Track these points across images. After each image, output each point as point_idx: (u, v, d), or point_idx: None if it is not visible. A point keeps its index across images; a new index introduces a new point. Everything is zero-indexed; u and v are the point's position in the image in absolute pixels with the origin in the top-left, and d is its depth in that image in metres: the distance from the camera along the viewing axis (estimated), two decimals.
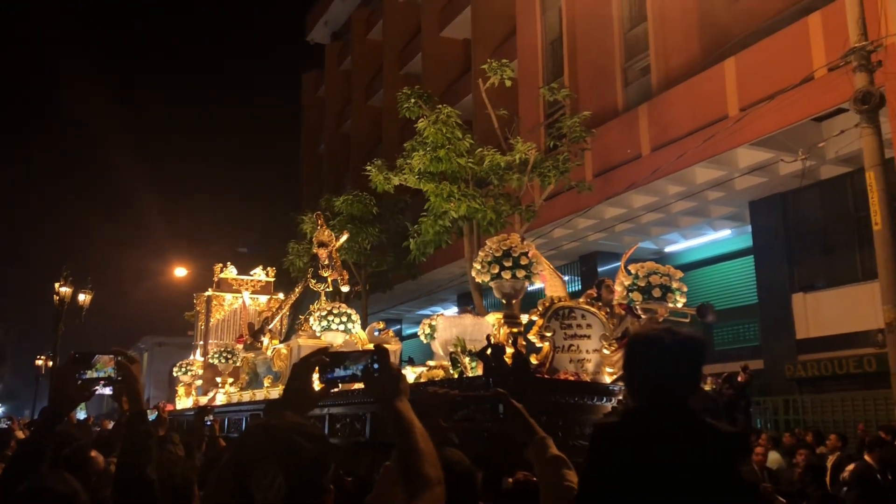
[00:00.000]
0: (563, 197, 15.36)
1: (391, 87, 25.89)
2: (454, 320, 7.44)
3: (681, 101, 14.56)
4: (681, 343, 2.06)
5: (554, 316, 6.78)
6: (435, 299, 25.10)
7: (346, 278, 11.19)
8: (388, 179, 14.12)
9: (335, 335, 9.52)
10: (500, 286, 6.70)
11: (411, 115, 14.11)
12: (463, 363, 6.45)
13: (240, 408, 10.82)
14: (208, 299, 16.03)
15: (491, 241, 6.78)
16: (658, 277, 6.72)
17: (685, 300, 6.78)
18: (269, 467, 1.47)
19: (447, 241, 14.44)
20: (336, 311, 9.61)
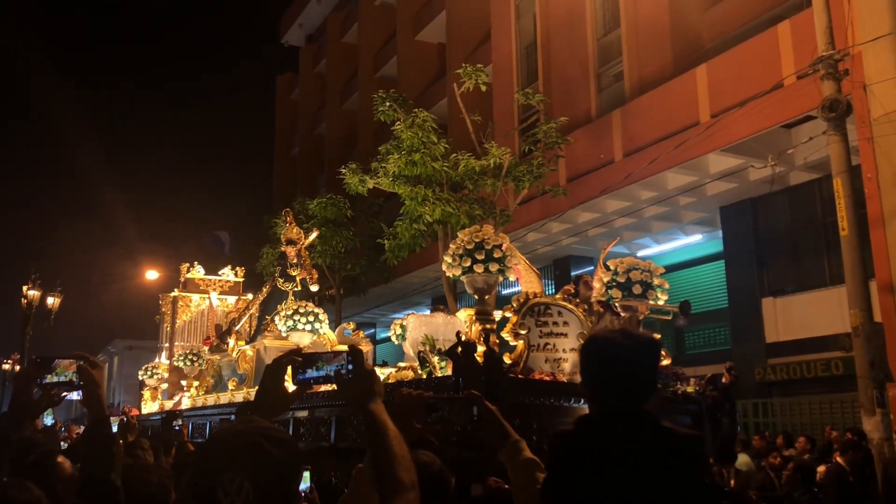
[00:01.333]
0: (536, 201, 15.43)
1: (366, 91, 25.84)
2: (424, 319, 7.20)
3: (653, 107, 14.71)
4: (635, 345, 2.04)
5: (529, 313, 6.52)
6: (409, 303, 25.06)
7: (315, 277, 10.96)
8: (362, 182, 14.07)
9: (302, 335, 9.32)
10: (471, 280, 6.46)
11: (386, 118, 14.07)
12: (431, 362, 6.22)
13: (205, 412, 10.67)
14: (174, 300, 15.77)
15: (463, 233, 6.57)
16: (639, 273, 6.53)
17: (667, 297, 6.60)
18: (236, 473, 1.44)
19: (422, 245, 14.42)
20: (302, 311, 9.37)
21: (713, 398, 6.46)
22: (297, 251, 10.91)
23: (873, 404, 9.20)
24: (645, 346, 2.08)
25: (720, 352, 15.77)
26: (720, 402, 6.56)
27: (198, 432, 10.42)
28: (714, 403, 6.43)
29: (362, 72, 29.57)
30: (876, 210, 10.69)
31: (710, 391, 6.46)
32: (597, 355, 2.08)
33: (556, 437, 2.06)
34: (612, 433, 1.95)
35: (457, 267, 6.42)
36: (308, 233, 11.66)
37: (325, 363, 1.86)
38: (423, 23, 26.17)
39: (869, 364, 9.27)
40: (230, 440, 1.51)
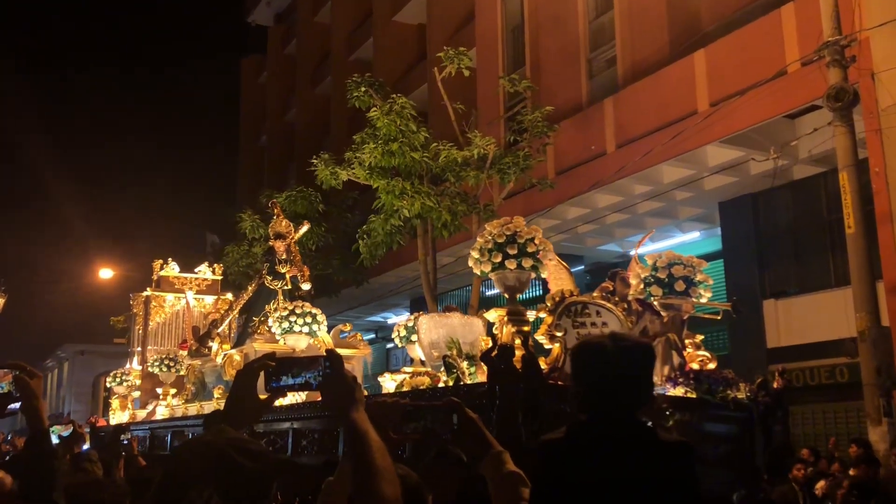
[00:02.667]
0: (523, 195, 15.46)
1: (339, 75, 25.76)
2: (440, 320, 7.06)
3: (648, 95, 14.78)
4: (625, 350, 2.09)
5: (566, 313, 6.33)
6: (386, 305, 25.02)
7: (307, 275, 10.82)
8: (335, 174, 14.03)
9: (298, 338, 9.20)
10: (502, 278, 6.23)
11: (361, 105, 14.04)
12: (460, 368, 6.00)
13: (185, 422, 10.57)
14: (146, 300, 15.59)
15: (491, 225, 6.36)
16: (681, 269, 6.39)
17: (710, 294, 6.52)
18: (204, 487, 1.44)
19: (399, 242, 14.41)
20: (299, 311, 9.25)
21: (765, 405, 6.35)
22: (287, 246, 10.80)
23: (879, 413, 9.32)
24: (636, 351, 2.13)
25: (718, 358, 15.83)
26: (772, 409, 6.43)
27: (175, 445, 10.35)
28: (766, 410, 6.33)
29: (335, 54, 29.47)
30: (884, 206, 10.80)
31: (762, 397, 6.36)
32: (586, 361, 2.14)
33: (544, 446, 2.10)
34: (599, 441, 2.00)
35: (486, 263, 6.19)
36: (298, 226, 11.55)
37: (301, 369, 1.86)
38: (401, 2, 26.11)
39: (875, 371, 9.39)
40: (198, 452, 1.51)
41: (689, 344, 6.57)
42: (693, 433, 5.54)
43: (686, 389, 5.93)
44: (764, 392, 6.43)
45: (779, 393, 7.54)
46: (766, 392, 6.41)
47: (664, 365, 6.17)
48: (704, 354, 6.60)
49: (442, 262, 16.11)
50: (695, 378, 6.00)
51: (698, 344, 6.72)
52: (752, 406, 6.22)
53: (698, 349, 6.65)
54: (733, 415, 6.11)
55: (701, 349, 6.68)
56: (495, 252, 6.16)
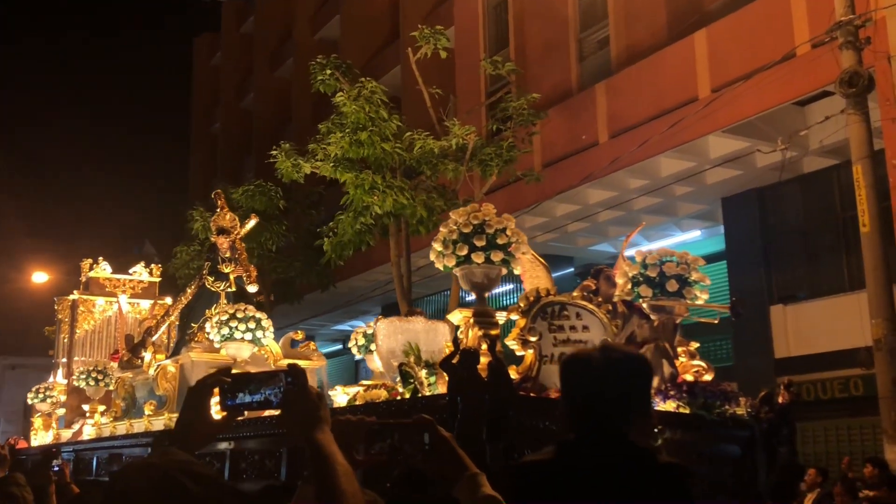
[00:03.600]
0: (506, 190, 15.48)
1: (303, 56, 25.65)
2: (400, 325, 6.94)
3: (644, 80, 14.85)
4: (614, 364, 2.13)
5: (541, 314, 6.17)
6: (354, 311, 24.96)
7: (253, 275, 10.75)
8: (297, 167, 13.99)
9: (240, 346, 9.11)
10: (468, 274, 6.09)
11: (327, 89, 14.02)
12: (418, 377, 5.83)
13: (112, 444, 10.45)
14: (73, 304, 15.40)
15: (456, 213, 6.19)
16: (674, 266, 6.27)
17: (707, 295, 6.40)
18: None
19: (369, 242, 14.38)
20: (241, 316, 9.12)
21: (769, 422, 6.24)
22: (231, 242, 10.71)
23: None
24: (629, 365, 2.17)
25: (721, 369, 15.91)
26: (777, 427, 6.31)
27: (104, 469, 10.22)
28: (770, 428, 6.23)
29: (298, 33, 29.37)
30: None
31: (766, 413, 6.25)
32: (574, 376, 2.19)
33: (528, 469, 2.14)
34: (591, 464, 2.03)
35: (450, 256, 6.02)
36: (245, 220, 11.45)
37: (259, 385, 1.85)
38: None
39: (893, 383, 9.48)
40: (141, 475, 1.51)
41: (682, 352, 6.51)
42: (686, 454, 5.45)
43: (678, 404, 5.87)
44: (768, 407, 6.30)
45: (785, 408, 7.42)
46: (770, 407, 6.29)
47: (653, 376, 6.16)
48: (700, 364, 6.55)
49: (417, 264, 16.09)
50: (689, 391, 5.94)
51: (693, 352, 6.67)
52: (754, 423, 6.16)
53: (693, 358, 6.60)
54: (733, 433, 6.05)
55: (696, 358, 6.64)
56: (460, 244, 5.99)
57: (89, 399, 12.51)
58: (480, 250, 5.96)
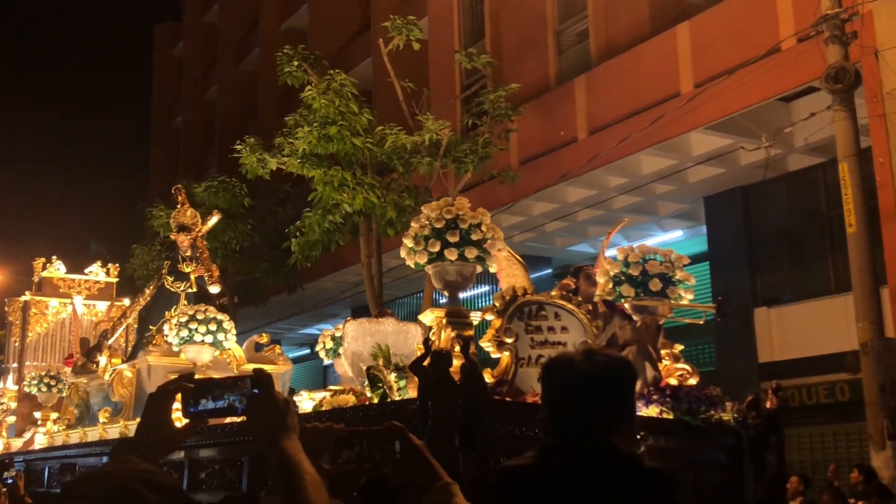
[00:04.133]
0: (482, 188, 15.48)
1: (269, 46, 25.53)
2: (369, 326, 6.89)
3: (624, 75, 14.92)
4: (598, 368, 2.16)
5: (517, 314, 6.10)
6: (323, 315, 24.87)
7: (216, 275, 10.65)
8: (263, 162, 13.92)
9: (200, 350, 9.02)
10: (440, 272, 6.03)
11: (294, 82, 13.99)
12: (387, 381, 5.76)
13: (65, 453, 10.36)
14: (25, 306, 15.23)
15: (429, 207, 6.14)
16: (657, 264, 6.24)
17: (692, 295, 6.37)
18: None
19: (338, 242, 14.35)
20: (201, 317, 9.03)
21: (756, 428, 6.18)
22: (193, 240, 10.62)
23: (883, 437, 9.51)
24: (612, 369, 2.19)
25: (703, 374, 15.99)
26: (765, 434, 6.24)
27: (55, 480, 10.11)
28: (757, 435, 6.18)
29: (265, 22, 29.24)
30: (889, 201, 11.03)
31: (753, 419, 6.20)
32: (557, 381, 2.21)
33: (507, 474, 2.16)
34: (573, 470, 2.05)
35: (421, 253, 5.97)
36: (207, 217, 11.35)
37: (224, 391, 1.84)
38: None
39: (879, 388, 9.57)
40: (98, 485, 1.49)
41: (665, 355, 6.50)
42: (670, 461, 5.38)
43: (662, 409, 5.85)
44: (755, 413, 6.28)
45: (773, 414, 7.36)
46: (757, 413, 6.26)
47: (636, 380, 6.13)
48: (684, 367, 6.54)
49: (388, 265, 16.05)
50: (672, 395, 5.93)
51: (677, 355, 6.66)
52: (741, 430, 6.12)
53: (677, 361, 6.59)
54: (719, 440, 6.03)
55: (680, 361, 6.63)
56: (432, 240, 5.92)
57: (41, 406, 12.38)
58: (454, 246, 5.91)
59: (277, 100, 25.88)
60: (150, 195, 26.84)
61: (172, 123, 37.01)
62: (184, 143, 34.95)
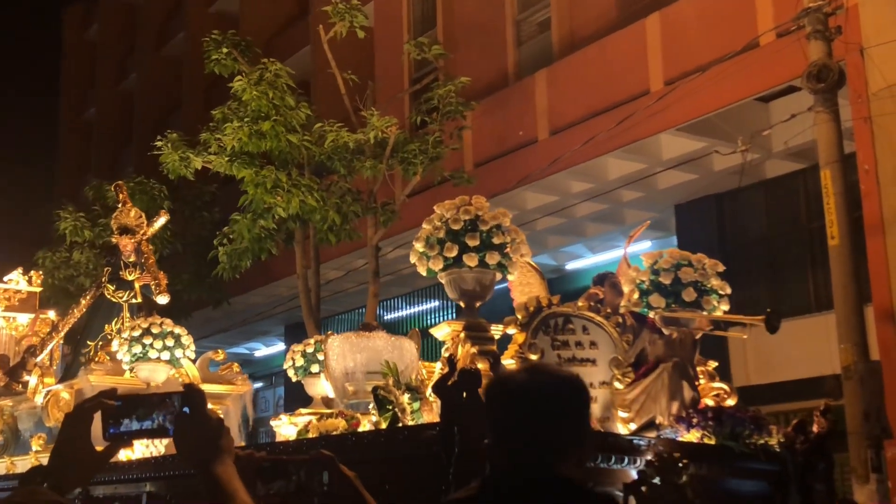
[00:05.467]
0: (432, 193, 15.41)
1: (195, 31, 25.27)
2: (357, 341, 6.81)
3: (589, 70, 15.00)
4: (544, 387, 2.14)
5: (542, 328, 6.06)
6: (252, 332, 24.67)
7: (164, 284, 10.43)
8: (186, 161, 13.78)
9: (155, 368, 8.84)
10: (457, 280, 5.96)
11: (223, 71, 13.90)
12: (399, 404, 5.61)
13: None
14: None
15: (442, 206, 6.03)
16: (691, 272, 6.15)
17: (727, 306, 6.32)
18: None
19: (270, 251, 14.23)
20: (156, 331, 8.85)
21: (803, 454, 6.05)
22: (137, 244, 10.41)
23: (867, 468, 9.62)
24: (559, 387, 2.16)
25: None
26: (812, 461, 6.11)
27: None
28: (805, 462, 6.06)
29: (191, 3, 28.98)
30: (874, 212, 11.20)
31: (800, 444, 6.07)
32: (497, 401, 2.19)
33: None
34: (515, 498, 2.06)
35: (436, 258, 5.87)
36: (154, 217, 11.14)
37: (150, 410, 1.83)
38: None
39: (863, 416, 9.68)
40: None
41: (700, 373, 6.41)
42: (712, 492, 5.36)
43: (703, 433, 5.72)
44: (802, 437, 5.99)
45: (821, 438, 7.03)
46: (804, 437, 6.08)
47: (672, 401, 5.94)
48: (721, 387, 6.45)
49: (327, 277, 15.95)
50: (714, 418, 5.77)
51: (712, 373, 6.57)
52: (786, 456, 5.95)
53: (713, 380, 6.51)
54: (763, 468, 5.81)
55: (716, 379, 6.55)
56: (449, 243, 5.83)
57: None
58: (473, 251, 5.83)
59: (204, 91, 25.62)
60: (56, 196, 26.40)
61: (84, 116, 36.53)
62: (96, 138, 34.54)
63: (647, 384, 5.99)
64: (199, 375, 9.46)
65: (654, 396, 5.95)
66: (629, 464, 5.13)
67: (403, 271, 19.03)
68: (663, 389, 5.95)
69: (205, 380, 9.44)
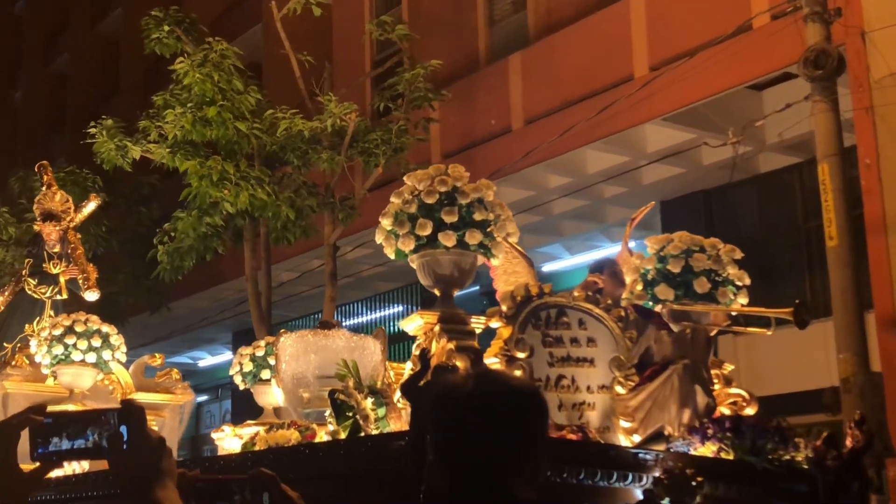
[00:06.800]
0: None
1: (135, 7, 25.13)
2: (314, 341, 6.59)
3: (568, 53, 15.03)
4: (494, 398, 2.10)
5: (532, 321, 5.66)
6: (196, 340, 24.54)
7: (93, 278, 10.25)
8: (124, 150, 13.72)
9: (79, 372, 8.61)
10: (430, 263, 5.54)
11: (165, 51, 13.89)
12: (361, 410, 5.24)
13: None
14: None
15: (414, 176, 5.64)
16: (703, 258, 5.92)
17: (746, 299, 6.13)
18: None
19: (217, 250, 14.21)
20: (80, 329, 8.61)
21: (835, 471, 5.82)
22: (63, 232, 10.23)
23: None
24: (511, 399, 2.12)
25: None
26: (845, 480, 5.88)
27: None
28: (837, 481, 5.81)
29: None
30: (876, 210, 11.26)
31: (832, 460, 5.82)
32: (443, 413, 2.15)
33: None
34: None
35: (406, 237, 5.44)
36: (82, 202, 11.00)
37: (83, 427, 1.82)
38: None
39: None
40: None
41: (714, 376, 6.14)
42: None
43: (721, 447, 5.42)
44: (833, 453, 5.69)
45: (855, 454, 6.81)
46: (836, 453, 5.86)
47: (683, 408, 5.64)
48: (739, 393, 6.20)
49: (280, 279, 15.88)
50: (733, 429, 5.46)
51: (728, 376, 6.34)
52: (816, 474, 5.66)
53: (728, 384, 6.26)
54: (789, 487, 5.53)
55: (732, 384, 6.30)
56: (422, 220, 5.40)
57: None
58: (451, 229, 5.41)
59: (143, 73, 25.50)
60: None
61: (10, 99, 36.31)
62: (24, 124, 34.39)
63: (654, 389, 5.70)
64: (132, 382, 9.27)
65: (661, 403, 5.66)
66: (633, 482, 4.90)
67: (363, 273, 19.04)
68: (673, 395, 5.65)
69: (139, 387, 9.26)
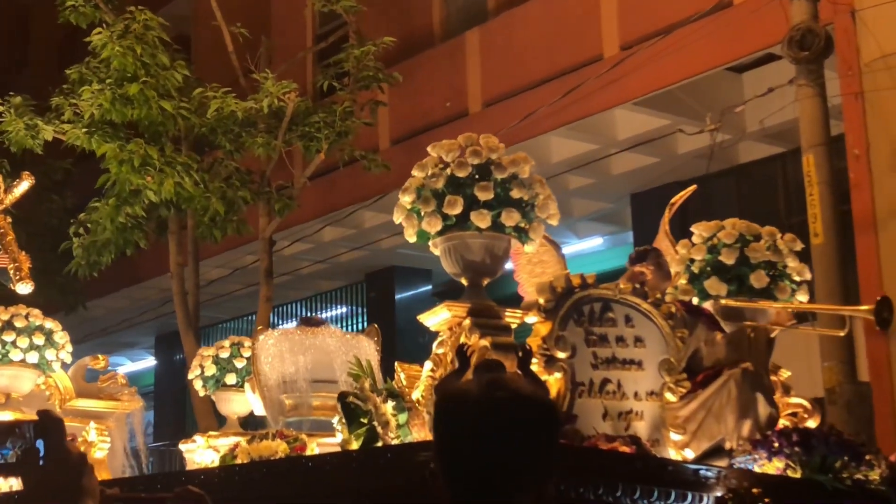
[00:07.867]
0: (340, 174, 15.38)
1: None
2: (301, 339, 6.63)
3: (530, 30, 15.05)
4: (502, 405, 2.11)
5: (574, 315, 5.51)
6: (115, 344, 24.31)
7: (26, 268, 10.16)
8: (34, 130, 13.59)
9: (18, 374, 8.62)
10: (459, 248, 5.38)
11: (80, 21, 13.76)
12: (380, 416, 5.10)
13: None
14: None
15: (441, 146, 5.51)
16: (762, 247, 5.89)
17: (807, 295, 6.05)
18: None
19: (138, 244, 14.12)
20: (20, 324, 8.64)
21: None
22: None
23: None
24: (521, 408, 2.14)
25: None
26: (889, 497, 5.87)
27: None
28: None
29: None
30: (865, 205, 11.36)
31: None
32: (447, 423, 2.19)
33: None
34: None
35: (432, 217, 5.31)
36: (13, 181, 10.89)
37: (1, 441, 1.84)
38: None
39: None
40: None
41: (773, 383, 6.13)
42: None
43: (788, 463, 5.36)
44: None
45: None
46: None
47: (742, 419, 5.60)
48: (800, 402, 6.18)
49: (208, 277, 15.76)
50: (802, 443, 5.38)
51: (787, 384, 6.30)
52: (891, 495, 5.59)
53: (787, 393, 6.22)
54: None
55: (791, 393, 6.26)
56: (450, 196, 5.23)
57: None
58: (485, 207, 5.22)
59: (56, 46, 25.25)
60: None
61: None
62: None
63: (708, 397, 5.62)
64: (72, 387, 9.21)
65: (717, 413, 5.60)
66: (694, 501, 4.87)
67: (303, 271, 18.97)
68: (730, 404, 5.58)
69: (80, 393, 9.14)
